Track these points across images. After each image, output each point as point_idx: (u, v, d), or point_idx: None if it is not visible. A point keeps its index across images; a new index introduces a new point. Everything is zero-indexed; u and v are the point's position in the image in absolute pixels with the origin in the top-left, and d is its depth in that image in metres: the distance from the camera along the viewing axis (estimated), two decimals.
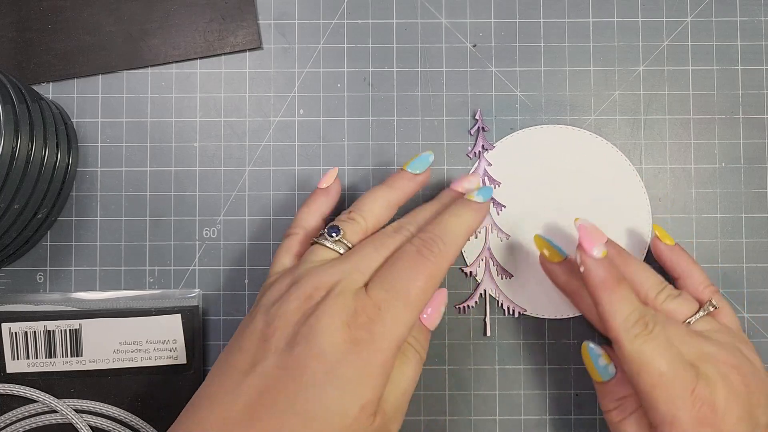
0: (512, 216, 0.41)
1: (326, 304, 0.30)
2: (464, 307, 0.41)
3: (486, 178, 0.41)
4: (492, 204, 0.41)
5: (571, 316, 0.40)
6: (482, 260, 0.41)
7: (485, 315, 0.41)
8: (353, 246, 0.34)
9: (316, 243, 0.34)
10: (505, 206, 0.41)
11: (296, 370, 0.29)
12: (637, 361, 0.31)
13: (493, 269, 0.40)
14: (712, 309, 0.36)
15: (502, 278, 0.40)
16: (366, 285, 0.31)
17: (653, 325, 0.32)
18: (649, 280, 0.36)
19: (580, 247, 0.33)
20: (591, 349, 0.35)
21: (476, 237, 0.41)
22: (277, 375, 0.29)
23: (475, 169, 0.41)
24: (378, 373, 0.30)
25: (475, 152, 0.41)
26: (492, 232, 0.41)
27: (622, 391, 0.34)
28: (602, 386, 0.35)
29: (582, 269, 0.33)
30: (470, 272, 0.41)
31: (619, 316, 0.32)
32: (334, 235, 0.34)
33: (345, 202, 0.41)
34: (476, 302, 0.41)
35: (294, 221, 0.37)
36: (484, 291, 0.40)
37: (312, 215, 0.36)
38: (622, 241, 0.40)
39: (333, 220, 0.36)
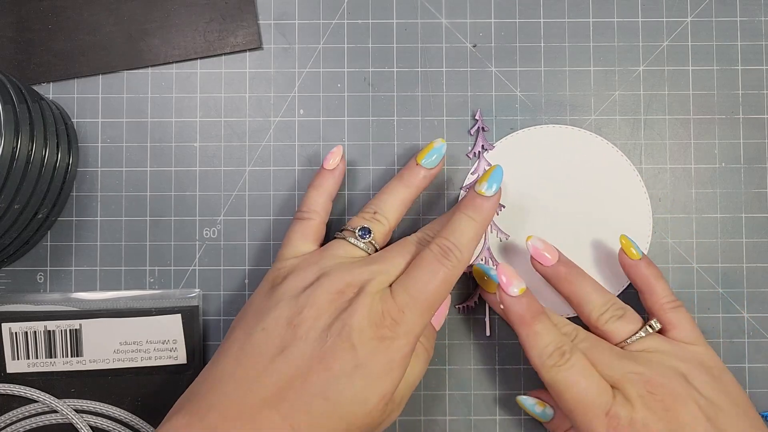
0: (512, 216, 0.41)
1: (359, 303, 0.33)
2: (464, 307, 0.41)
3: None
4: None
5: (569, 315, 0.40)
6: (482, 260, 0.41)
7: (485, 315, 0.41)
8: (379, 247, 0.36)
9: (342, 239, 0.36)
10: (504, 206, 0.41)
11: (328, 361, 0.32)
12: (554, 389, 0.34)
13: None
14: (650, 330, 0.37)
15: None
16: (390, 286, 0.34)
17: (570, 354, 0.34)
18: (595, 300, 0.37)
19: (498, 286, 0.35)
20: (524, 400, 0.39)
21: None
22: (309, 363, 0.32)
23: (475, 169, 0.41)
24: (398, 368, 0.33)
25: (475, 152, 0.41)
26: (492, 232, 0.41)
27: (566, 424, 0.38)
28: (548, 424, 0.39)
29: (501, 306, 0.36)
30: (470, 272, 0.41)
31: (535, 349, 0.35)
32: (365, 236, 0.36)
33: (345, 202, 0.41)
34: (476, 302, 0.41)
35: (304, 204, 0.38)
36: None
37: (321, 197, 0.38)
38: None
39: (337, 197, 0.38)
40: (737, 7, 0.41)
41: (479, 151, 0.41)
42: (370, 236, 0.36)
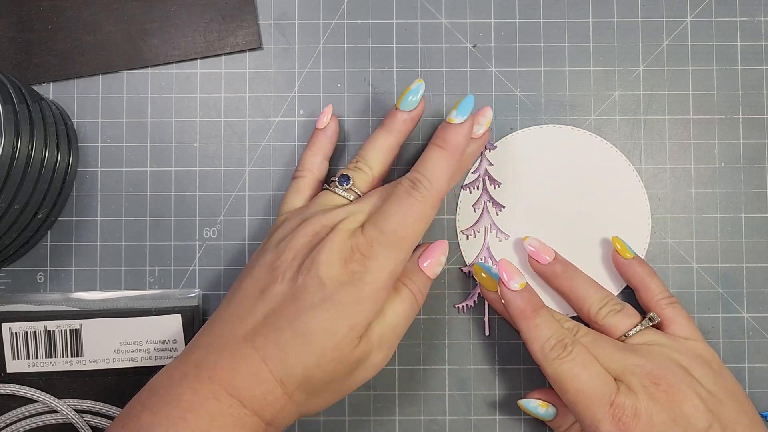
0: (511, 216, 0.41)
1: (327, 239, 0.34)
2: (464, 306, 0.41)
3: (486, 177, 0.41)
4: (492, 204, 0.41)
5: (567, 315, 0.40)
6: (482, 259, 0.41)
7: (485, 314, 0.41)
8: (362, 194, 0.37)
9: (327, 189, 0.37)
10: (504, 206, 0.41)
11: (298, 296, 0.33)
12: (557, 381, 0.35)
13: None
14: (650, 323, 0.37)
15: None
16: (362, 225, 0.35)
17: (572, 347, 0.35)
18: (592, 295, 0.38)
19: (500, 281, 0.36)
20: (526, 403, 0.38)
21: (475, 236, 0.41)
22: (282, 300, 0.33)
23: (477, 168, 0.41)
24: (367, 301, 0.33)
25: None
26: (491, 232, 0.41)
27: (570, 420, 0.38)
28: (551, 423, 0.39)
29: (503, 301, 0.36)
30: (469, 272, 0.41)
31: (537, 342, 0.35)
32: (344, 183, 0.37)
33: None
34: (475, 301, 0.41)
35: (299, 164, 0.39)
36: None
37: (315, 156, 0.39)
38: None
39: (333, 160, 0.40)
40: (737, 7, 0.41)
41: (481, 151, 0.41)
42: (349, 183, 0.37)
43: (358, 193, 0.37)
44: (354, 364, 0.33)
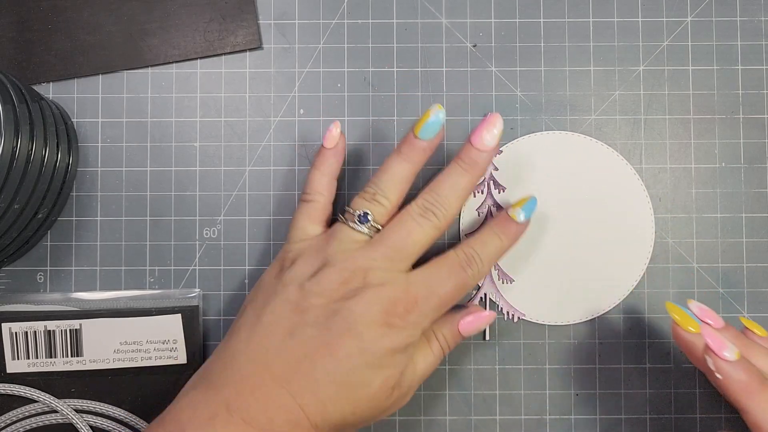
0: None
1: (367, 293, 0.33)
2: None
3: (491, 182, 0.41)
4: (496, 208, 0.41)
5: (569, 323, 0.40)
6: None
7: None
8: (382, 227, 0.36)
9: (344, 224, 0.36)
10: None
11: (334, 346, 0.33)
12: None
13: (494, 273, 0.40)
14: None
15: (503, 282, 0.40)
16: (406, 272, 0.35)
17: None
18: None
19: (708, 350, 0.31)
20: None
21: None
22: (316, 346, 0.33)
23: None
24: (403, 355, 0.34)
25: None
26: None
27: None
28: None
29: (718, 375, 0.31)
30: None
31: None
32: (366, 221, 0.36)
33: (346, 201, 0.41)
34: (475, 304, 0.41)
35: (308, 186, 0.38)
36: (485, 295, 0.40)
37: (324, 177, 0.38)
38: (624, 244, 0.40)
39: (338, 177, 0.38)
40: (737, 7, 0.41)
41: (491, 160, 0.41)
42: (369, 221, 0.36)
43: (378, 227, 0.36)
44: (385, 410, 0.34)
